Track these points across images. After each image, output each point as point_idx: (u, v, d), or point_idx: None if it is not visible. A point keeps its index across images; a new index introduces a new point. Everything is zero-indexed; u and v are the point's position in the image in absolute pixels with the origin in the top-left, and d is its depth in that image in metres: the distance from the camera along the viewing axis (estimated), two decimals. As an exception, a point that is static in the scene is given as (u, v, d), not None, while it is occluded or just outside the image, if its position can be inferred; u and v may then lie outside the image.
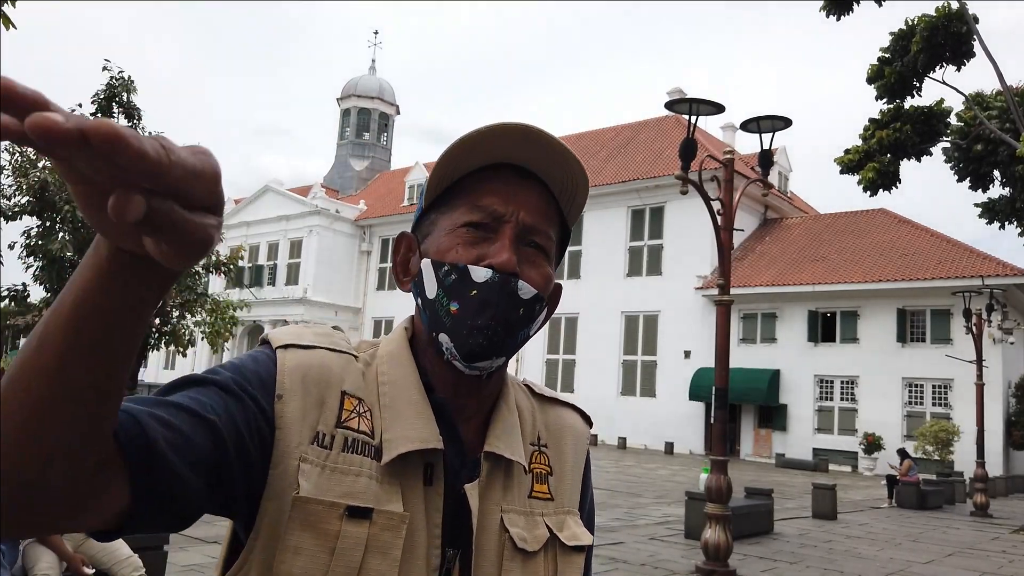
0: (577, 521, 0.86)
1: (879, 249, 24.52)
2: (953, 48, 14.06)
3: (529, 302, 0.78)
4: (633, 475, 16.70)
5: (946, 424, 20.97)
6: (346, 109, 46.05)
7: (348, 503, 0.69)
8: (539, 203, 0.81)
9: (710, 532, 6.70)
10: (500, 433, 0.81)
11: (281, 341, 0.75)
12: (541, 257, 0.81)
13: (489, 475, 0.79)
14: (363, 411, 0.75)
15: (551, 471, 0.86)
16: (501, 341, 0.77)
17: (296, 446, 0.70)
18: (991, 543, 10.22)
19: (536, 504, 0.83)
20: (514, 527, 0.79)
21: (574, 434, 0.91)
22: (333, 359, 0.77)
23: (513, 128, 0.76)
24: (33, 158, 14.86)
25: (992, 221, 15.61)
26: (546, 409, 0.91)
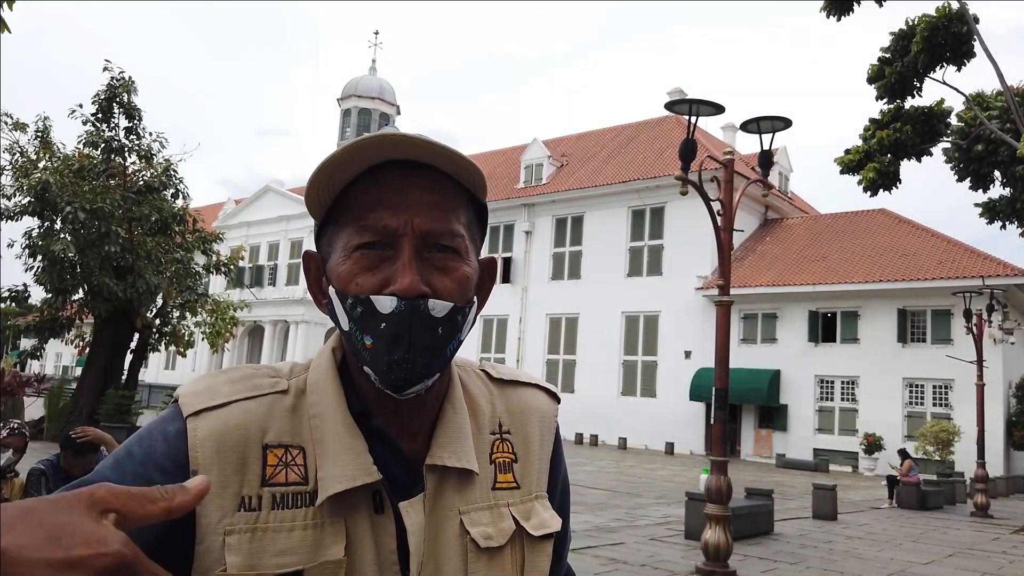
0: (546, 505, 0.83)
1: (879, 249, 24.52)
2: (953, 48, 14.06)
3: (446, 318, 0.72)
4: (633, 475, 16.69)
5: (946, 424, 20.96)
6: (346, 109, 46.08)
7: (275, 572, 0.66)
8: (434, 197, 0.73)
9: (710, 532, 6.69)
10: (444, 442, 0.77)
11: (192, 407, 0.70)
12: (453, 258, 0.74)
13: (438, 485, 0.76)
14: (291, 459, 0.71)
15: (516, 457, 0.83)
16: (425, 367, 0.72)
17: (219, 520, 0.67)
18: (992, 543, 10.21)
19: (501, 495, 0.80)
20: (477, 526, 0.76)
21: (539, 415, 0.87)
22: (252, 410, 0.72)
23: (388, 138, 0.70)
24: (34, 159, 14.86)
25: (993, 221, 15.61)
26: (507, 392, 0.87)
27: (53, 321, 15.17)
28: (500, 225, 33.09)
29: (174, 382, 32.61)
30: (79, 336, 16.31)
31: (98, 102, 14.95)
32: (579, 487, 13.31)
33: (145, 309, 15.38)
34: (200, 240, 16.84)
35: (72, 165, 14.66)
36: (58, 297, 14.69)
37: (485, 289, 0.82)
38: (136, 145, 15.32)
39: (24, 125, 15.00)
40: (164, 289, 15.35)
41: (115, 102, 14.95)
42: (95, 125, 15.04)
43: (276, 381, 0.76)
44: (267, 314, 37.74)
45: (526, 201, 32.09)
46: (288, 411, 0.74)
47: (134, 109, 15.16)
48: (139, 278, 14.51)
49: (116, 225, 14.25)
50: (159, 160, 15.73)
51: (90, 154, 15.08)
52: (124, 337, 15.70)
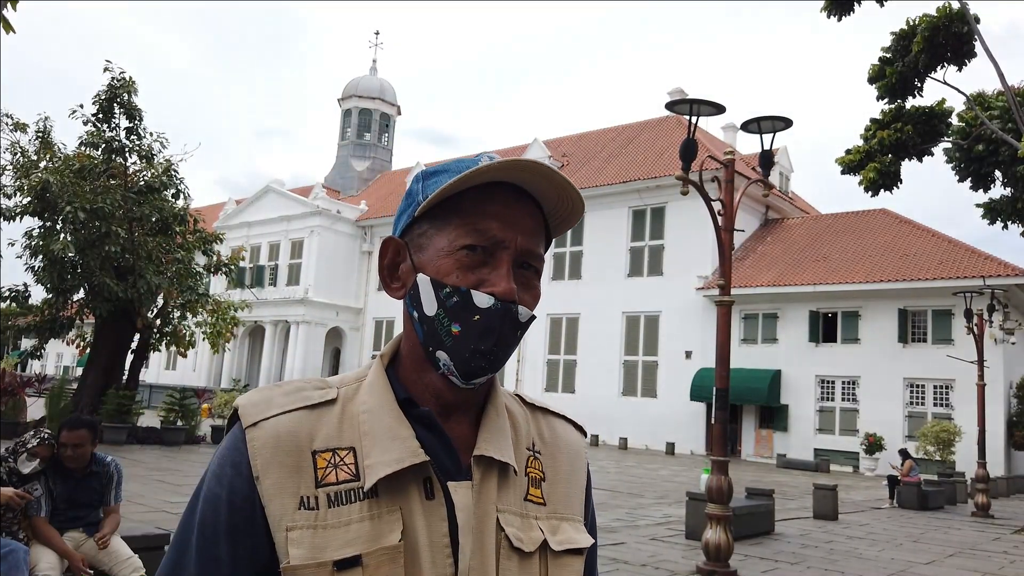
0: (577, 527, 0.87)
1: (880, 249, 24.51)
2: (954, 48, 14.05)
3: (525, 324, 0.82)
4: (634, 475, 16.69)
5: (947, 424, 20.95)
6: (347, 109, 46.09)
7: (334, 558, 0.72)
8: (533, 224, 0.83)
9: (711, 532, 6.69)
10: (489, 436, 0.83)
11: (251, 418, 0.78)
12: (534, 277, 0.84)
13: (483, 477, 0.81)
14: (339, 460, 0.77)
15: (544, 476, 0.87)
16: (500, 362, 0.81)
17: (280, 518, 0.74)
18: (992, 544, 10.20)
19: (531, 507, 0.84)
20: (510, 527, 0.80)
21: (569, 446, 0.93)
22: (302, 420, 0.79)
23: (525, 163, 0.79)
24: (34, 159, 14.87)
25: (994, 221, 15.60)
26: (538, 418, 0.93)
27: (53, 321, 15.18)
28: (501, 225, 33.09)
29: (175, 382, 32.63)
30: (80, 336, 16.32)
31: (99, 102, 14.97)
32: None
33: (146, 309, 15.39)
34: (201, 240, 16.86)
35: (73, 165, 14.67)
36: (58, 297, 14.71)
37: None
38: (137, 145, 15.34)
39: (25, 125, 15.01)
40: (165, 289, 15.36)
41: (116, 102, 14.97)
42: (96, 125, 15.06)
43: (325, 392, 0.82)
44: (268, 314, 37.75)
45: (527, 201, 32.08)
46: (336, 418, 0.80)
47: (135, 109, 15.17)
48: (140, 278, 14.52)
49: (117, 225, 14.26)
50: (160, 160, 15.75)
51: (91, 154, 15.10)
52: (125, 337, 15.71)
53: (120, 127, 15.21)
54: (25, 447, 4.19)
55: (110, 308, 14.51)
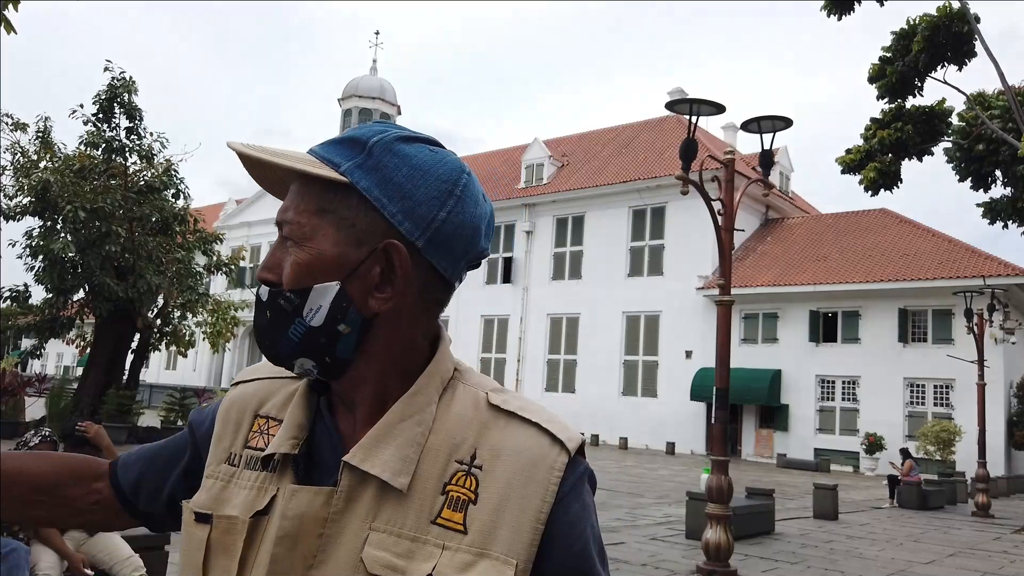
0: (499, 570, 0.67)
1: (880, 249, 24.51)
2: (954, 48, 14.05)
3: (268, 303, 0.73)
4: (634, 475, 16.70)
5: (947, 424, 20.95)
6: (347, 109, 46.10)
7: (196, 510, 0.77)
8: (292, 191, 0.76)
9: (711, 532, 6.69)
10: (370, 442, 0.71)
11: (234, 380, 0.87)
12: (286, 241, 0.74)
13: (356, 487, 0.70)
14: (266, 429, 0.79)
15: (475, 499, 0.70)
16: (269, 349, 0.75)
17: (208, 464, 0.81)
18: (993, 543, 10.20)
19: (439, 532, 0.68)
20: (382, 550, 0.68)
21: (520, 459, 0.71)
22: (264, 386, 0.83)
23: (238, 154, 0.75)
24: (35, 159, 14.87)
25: (994, 221, 15.59)
26: (497, 425, 0.74)
27: (54, 321, 15.17)
28: (501, 225, 33.07)
29: (175, 382, 32.64)
30: (80, 336, 16.33)
31: (99, 102, 14.97)
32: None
33: (146, 309, 15.39)
34: (201, 240, 16.86)
35: (73, 165, 14.67)
36: (59, 297, 14.71)
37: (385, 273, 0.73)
38: (137, 145, 15.34)
39: (25, 125, 15.01)
40: (165, 289, 15.36)
41: (116, 102, 14.96)
42: (96, 125, 15.06)
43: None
44: (268, 314, 37.74)
45: (527, 201, 32.10)
46: (290, 391, 0.81)
47: (135, 109, 15.17)
48: (140, 278, 14.52)
49: (117, 225, 14.26)
50: (160, 160, 15.74)
51: (91, 154, 15.09)
52: (125, 337, 15.71)
53: (120, 127, 15.22)
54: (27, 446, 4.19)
55: (110, 308, 14.51)
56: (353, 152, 0.74)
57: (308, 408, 0.78)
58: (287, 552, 0.70)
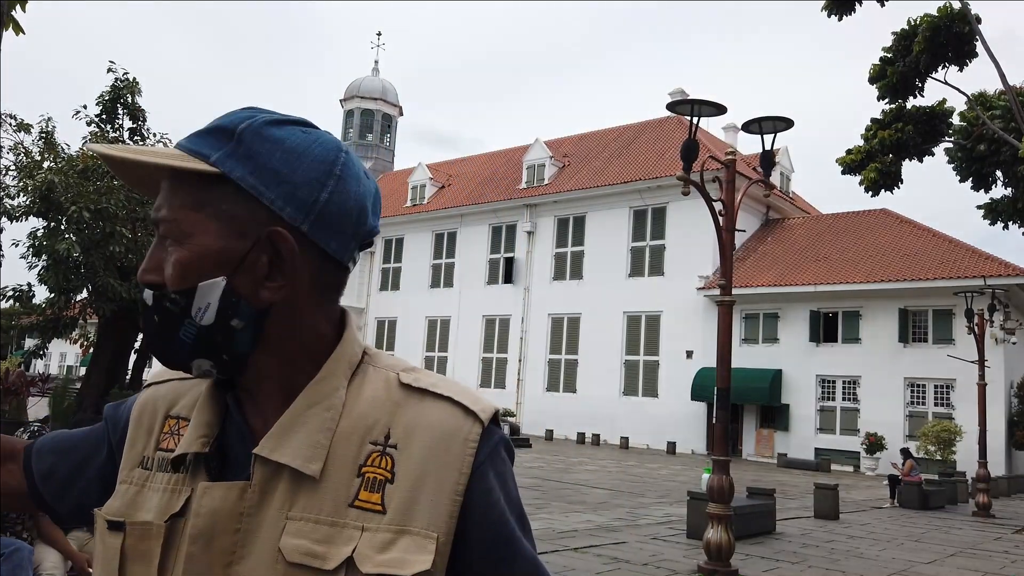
0: (421, 545, 0.67)
1: (881, 249, 24.52)
2: (955, 48, 14.07)
3: (154, 306, 0.71)
4: (635, 475, 16.72)
5: (948, 424, 20.97)
6: (349, 110, 46.11)
7: (108, 518, 0.75)
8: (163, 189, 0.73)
9: (712, 532, 6.71)
10: (279, 432, 0.71)
11: (147, 381, 0.86)
12: (172, 241, 0.71)
13: (270, 478, 0.70)
14: (177, 429, 0.78)
15: (392, 477, 0.70)
16: (163, 353, 0.73)
17: (122, 470, 0.79)
18: (993, 543, 10.23)
19: (357, 515, 0.68)
20: (300, 538, 0.67)
21: (436, 434, 0.71)
22: (174, 387, 0.82)
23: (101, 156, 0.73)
24: (38, 159, 14.90)
25: (995, 222, 15.61)
26: (411, 402, 0.74)
27: (57, 321, 15.21)
28: (502, 225, 33.11)
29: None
30: (83, 336, 16.36)
31: (102, 103, 15.00)
32: (581, 486, 13.34)
33: (149, 309, 15.42)
34: (203, 240, 16.88)
35: (76, 166, 14.71)
36: (61, 296, 14.74)
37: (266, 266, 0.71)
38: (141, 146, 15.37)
39: (28, 126, 15.04)
40: (168, 289, 15.40)
41: (119, 103, 15.00)
42: (99, 126, 15.09)
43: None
44: (269, 314, 37.83)
45: (528, 201, 32.12)
46: (200, 390, 0.79)
47: (138, 110, 15.20)
48: (143, 278, 14.55)
49: (120, 226, 14.30)
50: (163, 161, 15.78)
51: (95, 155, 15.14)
52: (128, 337, 15.74)
53: (124, 128, 15.25)
54: None
55: (113, 308, 14.55)
56: (221, 141, 0.71)
57: (216, 405, 0.76)
58: (203, 551, 0.68)
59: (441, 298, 34.44)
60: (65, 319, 15.32)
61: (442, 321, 34.38)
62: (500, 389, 31.03)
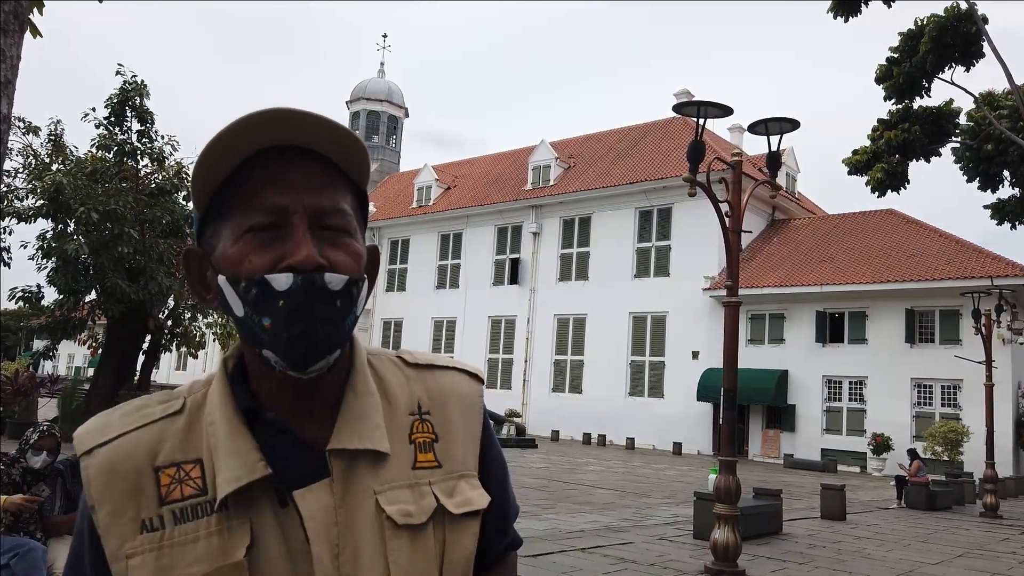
0: (473, 484, 0.83)
1: (887, 249, 24.46)
2: (962, 48, 14.06)
3: (343, 290, 0.73)
4: (641, 475, 16.72)
5: (955, 425, 20.90)
6: (355, 112, 46.21)
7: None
8: (322, 178, 0.75)
9: (719, 532, 6.72)
10: (346, 426, 0.77)
11: (84, 446, 0.76)
12: (343, 235, 0.75)
13: (348, 468, 0.76)
14: (184, 475, 0.74)
15: (436, 437, 0.83)
16: (326, 340, 0.73)
17: (119, 547, 0.71)
18: (1001, 544, 10.21)
19: (423, 474, 0.80)
20: (395, 504, 0.76)
21: (459, 396, 0.87)
22: (140, 439, 0.75)
23: (269, 112, 0.70)
24: (47, 161, 15.01)
25: (1002, 222, 15.60)
26: (424, 376, 0.87)
27: (66, 322, 15.32)
28: (508, 226, 33.14)
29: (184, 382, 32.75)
30: (92, 337, 16.46)
31: (111, 105, 15.09)
32: (587, 487, 13.36)
33: (157, 310, 15.52)
34: (211, 242, 16.96)
35: (85, 168, 14.81)
36: (70, 298, 14.84)
37: (371, 275, 0.81)
38: (148, 148, 15.46)
39: (37, 128, 15.16)
40: (176, 291, 15.49)
41: (128, 105, 15.09)
42: (108, 128, 15.19)
43: (168, 405, 0.79)
44: (276, 315, 37.90)
45: (534, 202, 32.15)
46: (181, 430, 0.77)
47: (146, 112, 15.29)
48: (151, 280, 14.64)
49: (129, 227, 14.38)
50: (171, 163, 15.87)
51: (103, 157, 15.22)
52: (136, 338, 15.84)
53: (132, 130, 15.34)
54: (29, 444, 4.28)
55: (122, 309, 14.64)
56: None
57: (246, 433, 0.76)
58: (325, 551, 0.72)
59: (447, 299, 34.49)
60: (74, 320, 15.42)
61: (448, 322, 34.42)
62: (506, 390, 31.05)
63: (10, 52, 1.76)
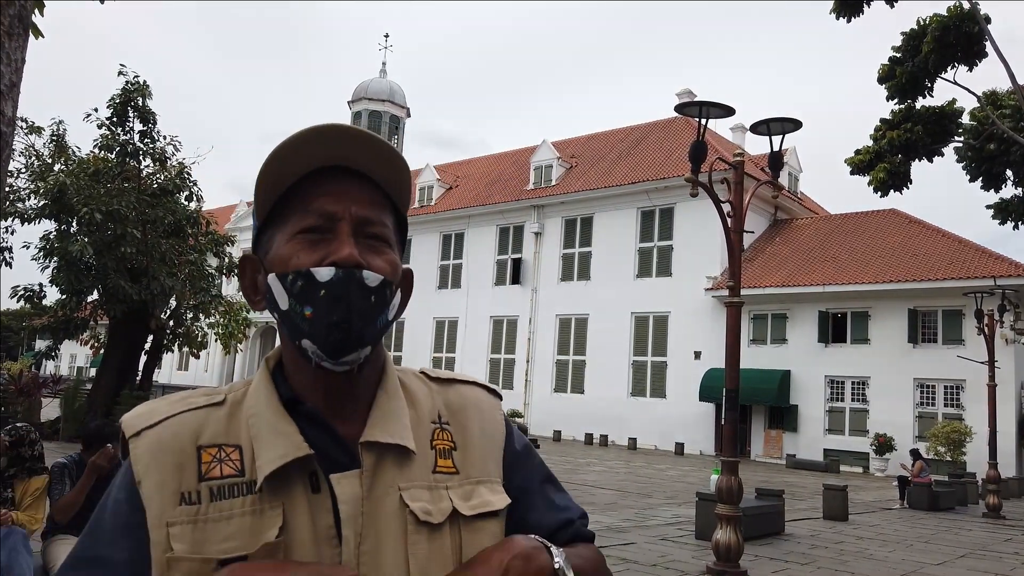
0: (493, 489, 0.88)
1: (890, 249, 24.43)
2: (965, 48, 14.03)
3: (378, 288, 0.80)
4: (643, 476, 16.72)
5: (958, 425, 20.87)
6: (357, 112, 46.21)
7: (216, 556, 0.74)
8: (369, 195, 0.84)
9: (721, 533, 6.72)
10: (378, 422, 0.83)
11: (133, 429, 0.81)
12: (383, 245, 0.84)
13: (377, 462, 0.81)
14: (224, 456, 0.79)
15: (455, 446, 0.88)
16: (360, 331, 0.79)
17: (160, 515, 0.76)
18: (1004, 544, 10.19)
19: (441, 478, 0.85)
20: (417, 501, 0.81)
21: (478, 408, 0.93)
22: (187, 420, 0.81)
23: (327, 129, 0.80)
24: (49, 162, 15.03)
25: (1005, 221, 15.57)
26: (445, 390, 0.94)
27: (68, 322, 15.33)
28: (510, 226, 33.14)
29: (187, 383, 32.84)
30: (94, 337, 16.48)
31: (113, 106, 15.10)
32: (589, 487, 13.35)
33: (159, 311, 15.52)
34: (213, 242, 16.99)
35: (87, 168, 14.83)
36: (73, 298, 14.86)
37: (405, 294, 0.89)
38: (151, 148, 15.47)
39: (39, 129, 15.17)
40: (178, 291, 15.50)
41: (130, 106, 15.09)
42: (110, 129, 15.20)
43: (211, 397, 0.85)
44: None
45: (535, 202, 32.15)
46: (223, 417, 0.82)
47: (149, 113, 15.29)
48: (153, 280, 14.65)
49: (131, 227, 14.39)
50: (173, 163, 15.88)
51: (105, 157, 15.24)
52: (138, 338, 15.85)
53: (134, 130, 15.35)
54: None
55: (124, 309, 14.65)
56: None
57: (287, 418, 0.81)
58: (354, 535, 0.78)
59: (449, 299, 34.49)
60: (76, 320, 15.43)
61: (450, 322, 34.43)
62: (508, 390, 31.04)
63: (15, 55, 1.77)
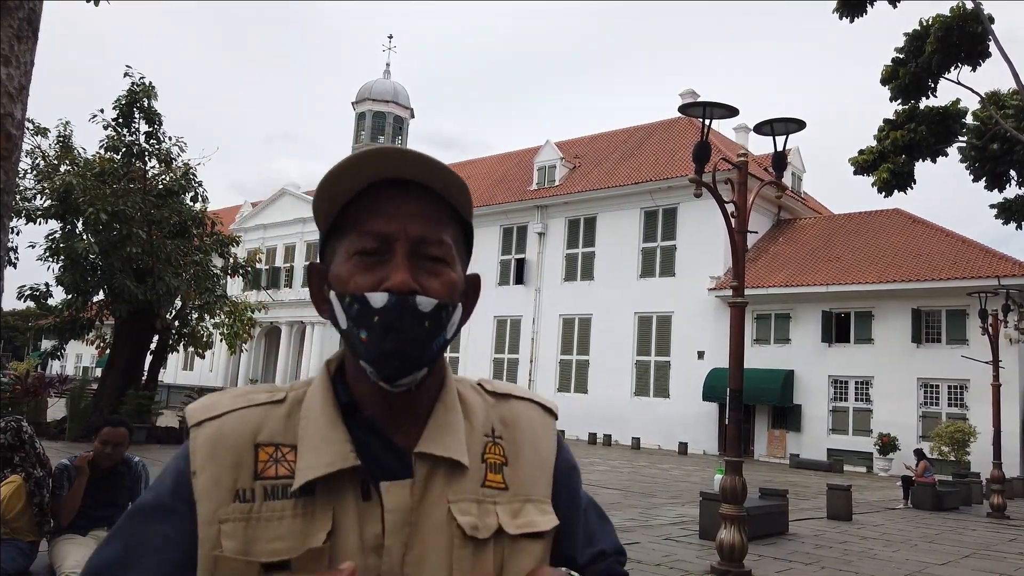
0: (542, 509, 0.87)
1: (893, 249, 24.40)
2: (968, 48, 14.03)
3: (432, 313, 0.80)
4: (647, 475, 16.73)
5: (962, 425, 20.84)
6: (361, 113, 46.27)
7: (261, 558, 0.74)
8: (427, 209, 0.83)
9: (725, 532, 6.73)
10: (433, 434, 0.83)
11: (195, 419, 0.82)
12: (440, 265, 0.83)
13: (429, 473, 0.81)
14: (281, 456, 0.80)
15: (506, 461, 0.88)
16: (415, 358, 0.79)
17: (214, 512, 0.76)
18: (1008, 545, 10.19)
19: (490, 493, 0.84)
20: (465, 516, 0.81)
21: (531, 425, 0.92)
22: (248, 416, 0.82)
23: (387, 149, 0.80)
24: (55, 162, 15.10)
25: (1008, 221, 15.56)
26: (501, 404, 0.93)
27: (74, 322, 15.39)
28: (513, 227, 33.16)
29: (192, 382, 32.92)
30: (99, 337, 16.54)
31: (119, 107, 15.17)
32: (593, 487, 13.37)
33: (164, 311, 15.58)
34: (217, 243, 17.05)
35: (93, 169, 14.90)
36: (78, 298, 14.92)
37: (470, 301, 0.90)
38: (156, 149, 15.54)
39: (46, 130, 15.24)
40: (183, 291, 15.56)
41: (136, 107, 15.16)
42: (116, 130, 15.26)
43: (272, 394, 0.86)
44: (284, 315, 38.04)
45: (539, 203, 32.17)
46: (283, 416, 0.83)
47: (154, 114, 15.36)
48: (159, 280, 14.71)
49: (137, 228, 14.45)
50: (178, 164, 15.95)
51: (111, 158, 15.31)
52: (144, 338, 15.91)
53: (140, 131, 15.41)
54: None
55: (129, 309, 14.72)
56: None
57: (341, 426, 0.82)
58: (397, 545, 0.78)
59: (452, 299, 34.47)
60: (82, 320, 15.49)
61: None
62: (511, 390, 31.01)
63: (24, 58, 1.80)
